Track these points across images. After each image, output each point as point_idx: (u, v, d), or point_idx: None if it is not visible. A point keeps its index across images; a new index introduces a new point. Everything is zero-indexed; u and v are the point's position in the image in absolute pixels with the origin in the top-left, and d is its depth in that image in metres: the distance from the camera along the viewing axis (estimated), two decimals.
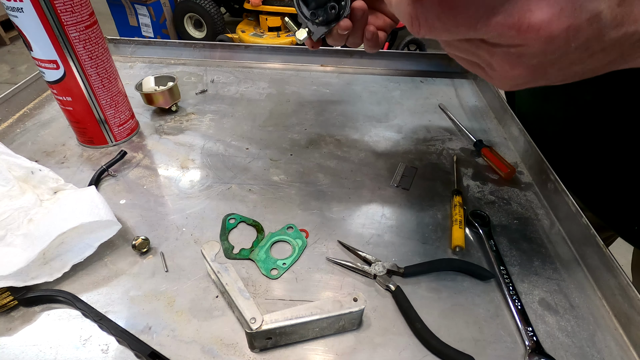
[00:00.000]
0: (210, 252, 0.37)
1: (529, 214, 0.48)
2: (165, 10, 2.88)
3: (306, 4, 0.42)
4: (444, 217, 0.47)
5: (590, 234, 0.41)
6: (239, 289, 0.34)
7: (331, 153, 0.57)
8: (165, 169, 0.53)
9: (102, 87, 0.52)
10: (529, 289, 0.39)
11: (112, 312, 0.36)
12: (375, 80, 0.76)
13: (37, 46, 0.46)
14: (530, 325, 0.35)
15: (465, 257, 0.42)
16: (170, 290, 0.38)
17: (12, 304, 0.35)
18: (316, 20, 0.42)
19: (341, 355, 0.34)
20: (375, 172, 0.53)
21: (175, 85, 0.63)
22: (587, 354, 0.34)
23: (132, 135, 0.59)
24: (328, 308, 0.33)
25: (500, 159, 0.53)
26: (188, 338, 0.34)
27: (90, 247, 0.40)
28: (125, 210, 0.46)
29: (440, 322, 0.36)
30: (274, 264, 0.40)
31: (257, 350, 0.34)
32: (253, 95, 0.71)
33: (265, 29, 2.80)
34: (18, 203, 0.41)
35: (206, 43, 0.82)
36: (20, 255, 0.37)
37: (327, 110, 0.67)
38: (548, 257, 0.42)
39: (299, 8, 0.41)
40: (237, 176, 0.52)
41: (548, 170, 0.49)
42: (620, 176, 0.49)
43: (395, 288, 0.38)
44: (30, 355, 0.33)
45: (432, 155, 0.57)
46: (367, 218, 0.46)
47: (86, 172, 0.52)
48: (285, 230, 0.44)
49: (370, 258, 0.40)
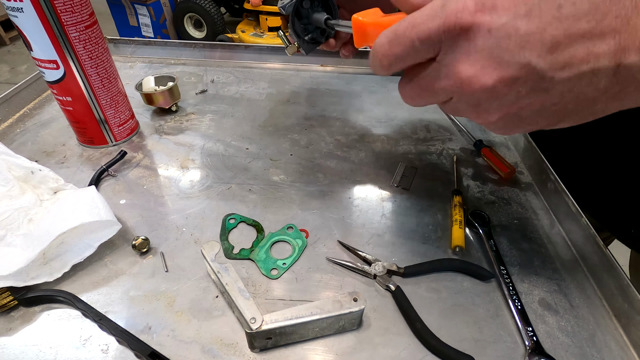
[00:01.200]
0: (210, 252, 0.37)
1: (529, 214, 0.48)
2: (165, 10, 2.88)
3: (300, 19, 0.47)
4: (444, 217, 0.47)
5: (590, 234, 0.41)
6: (239, 289, 0.34)
7: (331, 153, 0.57)
8: (165, 169, 0.53)
9: (102, 87, 0.52)
10: (529, 289, 0.39)
11: (112, 312, 0.36)
12: (375, 80, 0.76)
13: (37, 46, 0.46)
14: (530, 325, 0.35)
15: (465, 257, 0.42)
16: (170, 290, 0.38)
17: (12, 304, 0.35)
18: (306, 39, 0.48)
19: (341, 355, 0.34)
20: (375, 172, 0.53)
21: (175, 85, 0.63)
22: (587, 354, 0.34)
23: (132, 135, 0.59)
24: (328, 308, 0.33)
25: (500, 159, 0.53)
26: (188, 338, 0.34)
27: (90, 247, 0.40)
28: (125, 210, 0.46)
29: (440, 322, 0.36)
30: (274, 264, 0.40)
31: (257, 350, 0.34)
32: (253, 95, 0.71)
33: (265, 29, 2.80)
34: (18, 203, 0.41)
35: (206, 43, 0.82)
36: (20, 255, 0.37)
37: (327, 110, 0.67)
38: (548, 257, 0.42)
39: (292, 26, 0.46)
40: (237, 176, 0.52)
41: (548, 170, 0.49)
42: (617, 179, 0.49)
43: (395, 288, 0.38)
44: (30, 355, 0.33)
45: (432, 155, 0.57)
46: (367, 218, 0.46)
47: (86, 172, 0.52)
48: (285, 230, 0.44)
49: (370, 258, 0.40)
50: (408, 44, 0.25)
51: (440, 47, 0.25)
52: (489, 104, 0.25)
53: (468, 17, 0.22)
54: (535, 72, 0.22)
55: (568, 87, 0.22)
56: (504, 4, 0.22)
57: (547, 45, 0.21)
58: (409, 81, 0.29)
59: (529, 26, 0.21)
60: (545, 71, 0.22)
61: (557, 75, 0.22)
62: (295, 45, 0.48)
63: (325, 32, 0.48)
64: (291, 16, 0.45)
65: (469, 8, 0.22)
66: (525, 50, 0.22)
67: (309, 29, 0.48)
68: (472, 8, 0.22)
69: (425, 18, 0.24)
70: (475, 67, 0.23)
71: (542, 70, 0.22)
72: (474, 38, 0.23)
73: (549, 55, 0.21)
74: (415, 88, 0.28)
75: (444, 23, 0.23)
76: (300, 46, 0.48)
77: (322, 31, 0.49)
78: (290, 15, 0.45)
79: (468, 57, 0.24)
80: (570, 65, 0.21)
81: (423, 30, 0.24)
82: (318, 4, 0.46)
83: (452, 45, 0.24)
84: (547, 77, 0.22)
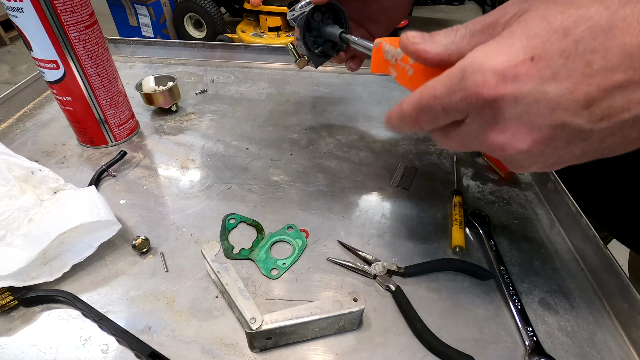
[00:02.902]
0: (210, 252, 0.37)
1: (529, 214, 0.48)
2: (165, 10, 2.88)
3: (309, 31, 0.46)
4: (444, 217, 0.47)
5: (590, 234, 0.41)
6: (239, 289, 0.34)
7: (331, 153, 0.57)
8: (165, 169, 0.53)
9: (102, 87, 0.52)
10: (529, 289, 0.39)
11: (112, 312, 0.36)
12: (375, 80, 0.76)
13: (37, 46, 0.46)
14: (530, 325, 0.35)
15: (465, 257, 0.42)
16: (170, 290, 0.38)
17: (12, 304, 0.35)
18: (316, 51, 0.47)
19: (341, 355, 0.34)
20: (375, 172, 0.53)
21: (175, 85, 0.63)
22: (587, 354, 0.34)
23: (132, 135, 0.59)
24: (328, 308, 0.33)
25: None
26: (188, 338, 0.34)
27: (90, 247, 0.40)
28: (125, 210, 0.46)
29: (440, 322, 0.36)
30: (274, 264, 0.40)
31: (257, 350, 0.34)
32: (253, 95, 0.71)
33: (265, 29, 2.80)
34: (18, 203, 0.41)
35: (206, 43, 0.82)
36: (20, 255, 0.37)
37: (327, 110, 0.67)
38: (548, 257, 0.42)
39: (303, 39, 0.45)
40: (237, 176, 0.52)
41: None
42: (616, 180, 0.49)
43: (395, 288, 0.38)
44: (30, 355, 0.33)
45: (432, 155, 0.57)
46: (367, 218, 0.46)
47: (86, 172, 0.52)
48: (285, 230, 0.44)
49: (370, 258, 0.40)
50: (433, 114, 0.25)
51: (467, 113, 0.24)
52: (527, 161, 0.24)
53: (490, 92, 0.22)
54: (572, 129, 0.21)
55: (610, 133, 0.21)
56: (528, 71, 0.21)
57: (581, 103, 0.20)
58: (442, 134, 0.28)
59: (558, 88, 0.21)
60: (582, 125, 0.21)
61: (595, 126, 0.21)
62: (304, 59, 0.47)
63: (337, 46, 0.47)
64: (302, 29, 0.44)
65: (489, 83, 0.22)
66: (557, 112, 0.21)
67: (318, 41, 0.47)
68: (492, 82, 0.22)
69: (446, 90, 0.24)
70: (506, 135, 0.23)
71: (578, 125, 0.21)
72: (500, 108, 0.22)
73: (584, 111, 0.21)
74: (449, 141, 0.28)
75: (464, 98, 0.23)
76: (310, 59, 0.47)
77: (332, 44, 0.48)
78: (301, 27, 0.44)
79: (496, 125, 0.23)
80: (609, 116, 0.21)
81: (446, 102, 0.24)
82: (328, 16, 0.45)
83: (478, 115, 0.24)
84: (585, 130, 0.21)
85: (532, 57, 0.21)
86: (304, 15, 0.43)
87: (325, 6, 0.44)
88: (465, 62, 0.23)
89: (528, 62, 0.21)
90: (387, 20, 0.49)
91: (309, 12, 0.43)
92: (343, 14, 0.45)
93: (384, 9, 0.48)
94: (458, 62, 0.23)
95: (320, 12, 0.44)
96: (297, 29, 0.45)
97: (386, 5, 0.47)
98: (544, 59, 0.21)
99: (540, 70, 0.21)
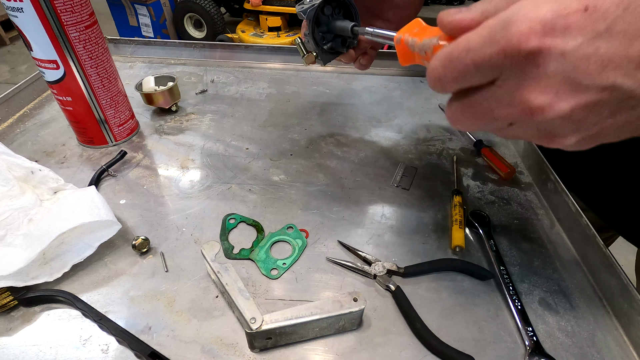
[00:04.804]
0: (210, 252, 0.37)
1: (529, 214, 0.48)
2: (165, 10, 2.88)
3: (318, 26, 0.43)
4: (444, 217, 0.47)
5: (590, 234, 0.41)
6: (239, 289, 0.34)
7: (331, 153, 0.57)
8: (165, 169, 0.53)
9: (102, 87, 0.52)
10: (529, 289, 0.39)
11: (112, 312, 0.36)
12: (375, 80, 0.76)
13: (37, 46, 0.46)
14: (530, 325, 0.35)
15: (465, 257, 0.42)
16: (170, 290, 0.38)
17: (12, 304, 0.35)
18: (325, 48, 0.45)
19: (341, 355, 0.34)
20: (375, 172, 0.53)
21: (175, 85, 0.63)
22: (587, 354, 0.34)
23: (132, 135, 0.59)
24: (328, 308, 0.33)
25: (500, 159, 0.53)
26: (188, 338, 0.34)
27: (90, 247, 0.40)
28: (125, 210, 0.46)
29: (440, 322, 0.36)
30: (274, 264, 0.40)
31: (257, 350, 0.34)
32: (253, 95, 0.71)
33: (265, 29, 2.80)
34: (18, 203, 0.41)
35: (206, 43, 0.82)
36: (20, 255, 0.37)
37: (327, 110, 0.67)
38: (548, 257, 0.42)
39: (312, 33, 0.43)
40: (237, 176, 0.52)
41: (548, 170, 0.49)
42: (622, 176, 0.49)
43: (395, 288, 0.38)
44: (30, 355, 0.33)
45: (432, 155, 0.57)
46: (367, 218, 0.46)
47: (86, 172, 0.52)
48: (285, 230, 0.44)
49: (370, 258, 0.40)
50: (461, 70, 0.23)
51: (500, 72, 0.22)
52: (565, 130, 0.22)
53: (535, 42, 0.20)
54: (621, 92, 0.20)
55: None
56: (579, 22, 0.19)
57: (636, 62, 0.19)
58: (461, 105, 0.25)
59: (612, 43, 0.19)
60: (634, 90, 0.19)
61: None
62: (312, 55, 0.45)
63: (347, 42, 0.45)
64: (311, 22, 0.42)
65: (536, 31, 0.19)
66: (608, 71, 0.19)
67: (327, 37, 0.45)
68: (539, 30, 0.19)
69: (482, 42, 0.21)
70: (547, 94, 0.21)
71: (629, 89, 0.19)
72: (543, 63, 0.20)
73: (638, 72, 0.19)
74: (470, 113, 0.25)
75: (504, 49, 0.20)
76: (319, 56, 0.45)
77: (342, 40, 0.46)
78: (310, 21, 0.42)
79: (538, 83, 0.21)
80: None
81: (479, 56, 0.22)
82: (339, 11, 0.43)
83: (516, 71, 0.21)
84: (635, 95, 0.19)
85: (586, 7, 0.19)
86: (314, 7, 0.41)
87: (336, 0, 0.43)
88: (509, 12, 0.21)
89: (581, 12, 0.19)
90: (397, 19, 0.48)
91: (319, 4, 0.41)
92: (354, 9, 0.44)
93: (395, 7, 0.47)
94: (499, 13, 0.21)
95: (331, 6, 0.43)
96: (305, 23, 0.43)
97: (398, 2, 0.47)
98: (599, 10, 0.19)
99: (594, 22, 0.19)
